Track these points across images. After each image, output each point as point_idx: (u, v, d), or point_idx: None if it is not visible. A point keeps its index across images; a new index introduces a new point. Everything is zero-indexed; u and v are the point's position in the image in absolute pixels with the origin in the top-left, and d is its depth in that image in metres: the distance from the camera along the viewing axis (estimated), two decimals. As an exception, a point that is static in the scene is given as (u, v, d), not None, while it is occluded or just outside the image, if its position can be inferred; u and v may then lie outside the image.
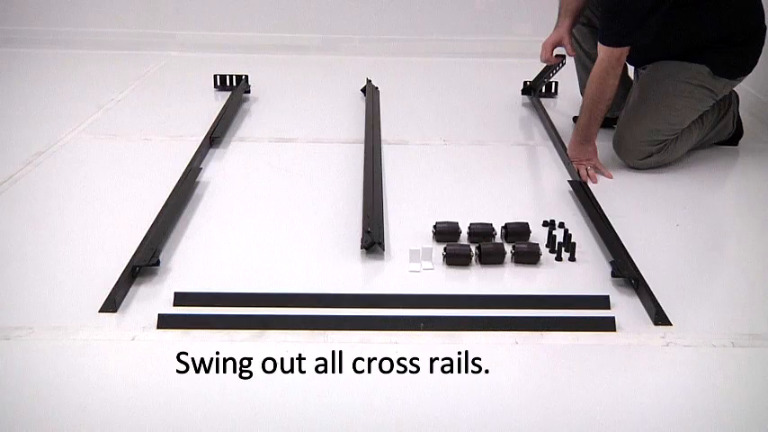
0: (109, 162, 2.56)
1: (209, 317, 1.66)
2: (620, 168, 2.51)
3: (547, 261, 1.93)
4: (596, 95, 2.37)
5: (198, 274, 1.85)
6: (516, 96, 3.27)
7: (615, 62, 2.32)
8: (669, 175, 2.48)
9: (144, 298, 1.74)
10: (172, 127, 2.87)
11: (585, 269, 1.91)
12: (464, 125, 2.96)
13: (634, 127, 2.47)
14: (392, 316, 1.67)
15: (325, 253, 1.95)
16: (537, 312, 1.70)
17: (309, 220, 2.14)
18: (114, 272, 1.80)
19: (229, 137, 2.79)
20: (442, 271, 1.88)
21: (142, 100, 3.25)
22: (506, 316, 1.69)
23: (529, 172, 2.61)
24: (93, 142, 2.72)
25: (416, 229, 2.06)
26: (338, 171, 2.49)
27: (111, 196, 2.28)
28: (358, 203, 2.20)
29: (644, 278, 1.81)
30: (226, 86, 3.33)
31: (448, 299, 1.74)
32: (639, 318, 1.70)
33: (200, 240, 2.02)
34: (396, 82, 3.50)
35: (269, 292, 1.75)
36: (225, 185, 2.38)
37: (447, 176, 2.47)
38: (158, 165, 2.52)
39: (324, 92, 3.39)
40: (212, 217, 2.16)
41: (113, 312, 1.68)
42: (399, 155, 2.63)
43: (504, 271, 1.89)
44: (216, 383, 1.48)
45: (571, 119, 2.93)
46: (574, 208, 2.24)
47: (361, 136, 2.75)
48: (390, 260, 1.92)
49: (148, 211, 2.11)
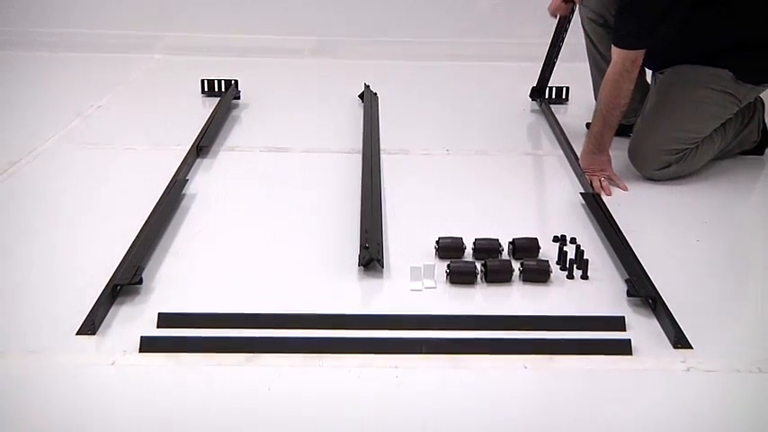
0: (88, 173, 2.56)
1: (195, 339, 1.65)
2: (636, 180, 2.51)
3: (557, 279, 1.93)
4: (610, 101, 2.38)
5: (184, 293, 1.84)
6: (524, 102, 3.27)
7: (630, 65, 2.32)
8: (689, 186, 2.48)
9: (125, 319, 1.74)
10: (156, 135, 2.87)
11: (599, 288, 1.90)
12: (468, 133, 2.96)
13: (651, 135, 2.47)
14: (392, 338, 1.67)
15: (321, 271, 1.95)
16: (547, 334, 1.70)
17: (303, 235, 2.14)
18: (93, 291, 1.79)
19: (218, 146, 2.79)
20: (446, 290, 1.88)
21: (124, 106, 3.26)
22: (514, 338, 1.68)
23: (538, 183, 2.60)
24: (71, 152, 2.72)
25: (418, 245, 2.06)
26: (334, 183, 2.49)
27: (91, 210, 2.28)
28: (355, 217, 2.20)
29: (662, 297, 1.80)
30: (214, 92, 3.33)
31: (451, 320, 1.74)
32: (657, 340, 1.70)
33: (186, 257, 2.01)
34: (396, 87, 3.51)
35: (260, 312, 1.75)
36: (213, 198, 2.37)
37: (450, 188, 2.47)
38: (141, 176, 2.51)
39: (319, 98, 3.40)
40: (199, 232, 2.15)
41: (92, 335, 1.67)
42: (399, 165, 2.63)
43: (512, 290, 1.89)
44: (202, 411, 1.47)
45: (583, 126, 2.93)
46: (586, 222, 2.24)
47: (359, 145, 2.76)
48: (390, 278, 1.92)
49: (131, 225, 2.10)
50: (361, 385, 1.55)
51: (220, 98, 3.22)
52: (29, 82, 3.58)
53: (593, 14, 2.79)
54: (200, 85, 3.36)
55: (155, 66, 3.90)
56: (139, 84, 3.61)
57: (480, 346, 1.65)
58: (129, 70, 3.76)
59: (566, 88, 3.30)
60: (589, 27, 2.84)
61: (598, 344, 1.66)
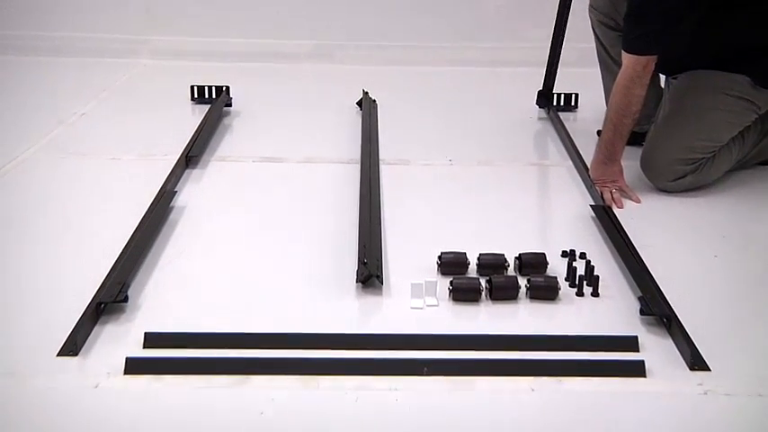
0: (70, 184, 2.56)
1: (184, 360, 1.65)
2: (650, 191, 2.51)
3: (566, 297, 1.93)
4: (621, 108, 2.38)
5: (172, 311, 1.84)
6: (530, 110, 3.28)
7: (641, 71, 2.33)
8: (705, 198, 2.49)
9: (110, 339, 1.73)
10: (143, 144, 2.87)
11: (610, 306, 1.90)
12: (472, 143, 2.97)
13: (665, 144, 2.47)
14: (392, 359, 1.66)
15: (316, 288, 1.95)
16: (555, 355, 1.69)
17: (298, 250, 2.14)
18: (76, 309, 1.79)
19: (208, 156, 2.79)
20: (448, 308, 1.88)
21: (109, 114, 3.26)
22: (521, 359, 1.68)
23: (546, 195, 2.61)
24: (53, 162, 2.73)
25: (419, 261, 2.06)
26: (331, 195, 2.49)
27: (73, 223, 2.28)
28: (353, 231, 2.19)
29: (677, 316, 1.80)
30: (204, 99, 3.34)
31: (455, 339, 1.73)
32: (673, 362, 1.69)
33: (174, 273, 2.01)
34: (396, 94, 3.51)
35: (252, 332, 1.74)
36: (203, 211, 2.37)
37: (453, 201, 2.47)
38: (127, 187, 2.51)
39: (315, 105, 3.40)
40: (188, 246, 2.15)
41: (74, 356, 1.67)
42: (399, 176, 2.64)
43: (518, 308, 1.89)
44: (191, 437, 1.47)
45: (594, 134, 2.93)
46: (597, 236, 2.24)
47: (357, 155, 2.76)
48: (389, 296, 1.92)
49: (116, 239, 2.10)
50: (358, 409, 1.54)
51: (211, 105, 3.23)
52: (7, 87, 3.58)
53: (603, 17, 2.80)
54: (189, 91, 3.36)
55: (141, 71, 3.90)
56: (125, 90, 3.61)
57: (485, 368, 1.65)
58: (114, 76, 3.76)
59: (575, 95, 3.30)
60: (599, 30, 2.84)
61: (609, 365, 1.66)
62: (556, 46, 3.14)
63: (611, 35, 2.79)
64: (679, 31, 2.31)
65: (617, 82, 2.39)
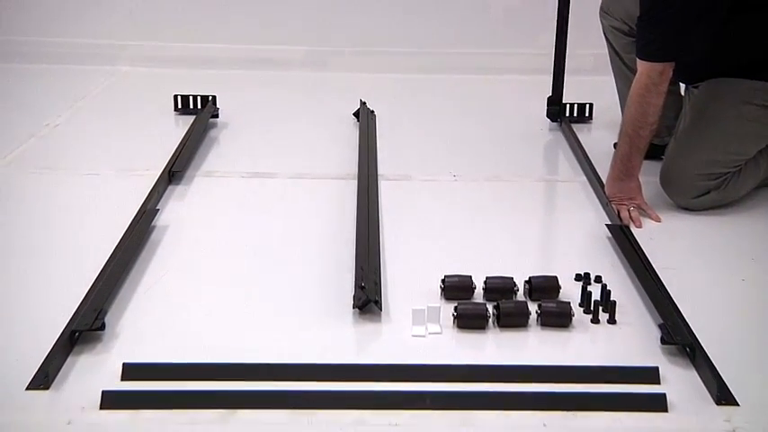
0: (43, 202, 2.56)
1: (165, 394, 1.64)
2: (670, 209, 2.51)
3: (580, 324, 1.93)
4: (637, 119, 2.39)
5: (152, 340, 1.83)
6: (540, 120, 3.29)
7: (658, 78, 2.33)
8: (731, 217, 2.49)
9: (84, 370, 1.73)
10: (122, 159, 2.88)
11: (628, 334, 1.90)
12: (478, 157, 2.97)
13: (686, 158, 2.48)
14: (392, 392, 1.66)
15: (310, 314, 1.95)
16: (569, 388, 1.69)
17: (290, 273, 2.14)
18: (47, 338, 1.78)
19: (193, 171, 2.79)
20: (453, 335, 1.87)
21: (85, 125, 3.27)
22: (531, 392, 1.67)
23: (557, 214, 2.61)
24: (24, 177, 2.73)
25: (420, 285, 2.06)
26: (325, 213, 2.49)
27: (46, 245, 2.28)
28: (350, 253, 2.19)
29: (702, 345, 1.80)
30: (189, 109, 3.35)
31: (459, 370, 1.73)
32: (697, 395, 1.69)
33: (155, 298, 2.01)
34: (396, 104, 3.53)
35: (240, 362, 1.74)
36: (187, 230, 2.38)
37: (458, 220, 2.47)
38: (105, 205, 2.52)
39: (308, 116, 3.41)
40: (171, 269, 2.15)
41: (45, 389, 1.66)
42: (400, 193, 2.64)
43: (528, 336, 1.88)
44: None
45: (610, 147, 2.93)
46: (613, 258, 2.24)
47: (354, 170, 2.76)
48: (389, 322, 1.91)
49: (92, 262, 2.10)
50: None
51: (196, 116, 3.23)
52: (-24, 98, 3.60)
53: (615, 22, 2.81)
54: (172, 101, 3.37)
55: (121, 79, 3.91)
56: (103, 99, 3.62)
57: (493, 401, 1.64)
58: (91, 84, 3.77)
59: (588, 105, 3.31)
60: (612, 36, 2.86)
61: (628, 399, 1.65)
62: (560, 51, 3.16)
63: (624, 41, 2.80)
64: (697, 35, 2.31)
65: (632, 91, 2.39)
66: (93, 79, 3.83)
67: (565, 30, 3.13)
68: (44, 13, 4.08)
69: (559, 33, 3.15)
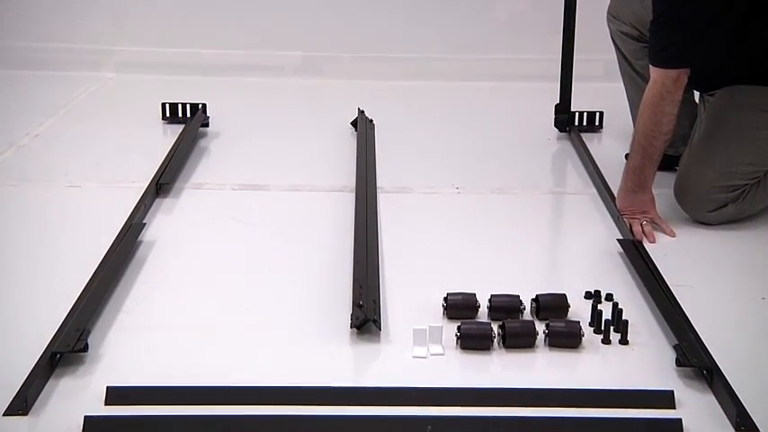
0: (23, 216, 2.56)
1: (152, 419, 1.64)
2: (686, 223, 2.52)
3: (591, 344, 1.92)
4: (650, 129, 2.39)
5: (138, 362, 1.83)
6: (548, 129, 3.29)
7: (672, 86, 2.34)
8: (749, 232, 2.49)
9: (66, 395, 1.72)
10: (107, 170, 2.88)
11: (641, 355, 1.89)
12: (482, 168, 2.98)
13: (702, 169, 2.48)
14: (391, 416, 1.66)
15: (305, 334, 1.94)
16: (579, 412, 1.68)
17: (284, 290, 2.14)
18: (27, 359, 1.77)
19: (182, 183, 2.79)
20: (456, 357, 1.87)
21: (68, 135, 3.27)
22: (539, 417, 1.67)
23: (566, 228, 2.61)
24: (2, 189, 2.73)
25: (422, 303, 2.06)
26: (321, 227, 2.49)
27: (26, 261, 2.27)
28: (347, 269, 2.19)
29: (720, 368, 1.79)
30: (177, 118, 3.35)
31: (463, 394, 1.73)
32: (715, 421, 1.68)
33: (141, 318, 2.01)
34: (395, 113, 3.53)
35: (231, 385, 1.73)
36: (175, 246, 2.37)
37: (461, 234, 2.47)
38: (88, 219, 2.52)
39: (303, 125, 3.41)
40: (158, 287, 2.15)
41: (24, 415, 1.65)
42: (400, 206, 2.64)
43: (536, 357, 1.88)
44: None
45: (621, 158, 2.94)
46: (625, 275, 2.24)
47: (352, 182, 2.77)
48: (389, 343, 1.91)
49: (74, 279, 2.10)
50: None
51: (185, 125, 3.24)
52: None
53: (624, 26, 2.82)
54: (160, 109, 3.38)
55: (105, 86, 3.92)
56: (87, 107, 3.63)
57: (498, 427, 1.64)
58: (74, 91, 3.78)
59: (599, 113, 3.32)
60: (621, 42, 2.86)
61: (641, 424, 1.65)
62: (567, 56, 3.16)
63: (634, 46, 2.81)
64: (713, 40, 2.32)
65: (644, 99, 2.40)
66: (77, 86, 3.84)
67: (572, 33, 3.13)
68: (23, 16, 4.09)
69: (566, 37, 3.15)
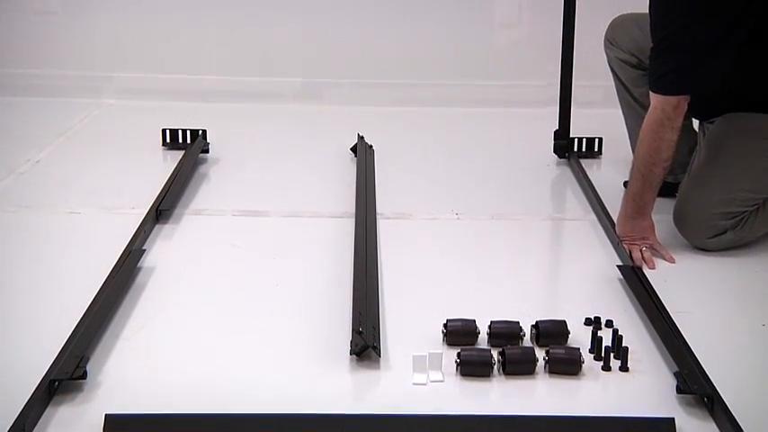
0: (23, 242, 2.56)
1: (150, 447, 1.64)
2: (685, 249, 2.52)
3: (591, 371, 1.92)
4: (650, 155, 2.40)
5: (137, 389, 1.83)
6: (547, 156, 3.30)
7: (672, 113, 2.34)
8: (749, 258, 2.49)
9: (64, 423, 1.71)
10: (107, 196, 2.88)
11: (642, 382, 1.89)
12: (482, 194, 2.98)
13: (701, 196, 2.48)
14: (391, 445, 1.65)
15: (304, 361, 1.94)
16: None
17: (283, 317, 2.13)
18: (25, 387, 1.76)
19: (181, 209, 2.80)
20: (456, 383, 1.87)
21: (68, 161, 3.28)
22: (540, 445, 1.66)
23: (566, 254, 2.61)
24: (3, 216, 2.73)
25: (422, 330, 2.05)
26: (321, 253, 2.49)
27: (25, 287, 2.27)
28: (346, 295, 2.19)
29: (720, 396, 1.78)
30: (178, 144, 3.36)
31: (463, 421, 1.72)
32: (715, 447, 1.68)
33: (140, 345, 2.00)
34: (395, 138, 3.54)
35: (230, 413, 1.73)
36: (174, 272, 2.37)
37: (460, 260, 2.47)
38: (88, 246, 2.52)
39: (303, 151, 3.42)
40: (158, 313, 2.14)
41: (23, 442, 1.65)
42: (399, 232, 2.64)
43: (536, 384, 1.88)
44: None
45: (621, 185, 2.94)
46: (625, 301, 2.23)
47: (352, 208, 2.77)
48: (388, 369, 1.91)
49: (73, 306, 2.09)
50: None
51: (185, 151, 3.24)
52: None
53: (623, 54, 2.83)
54: (160, 135, 3.38)
55: (105, 112, 3.93)
56: (87, 134, 3.63)
57: (498, 455, 1.64)
58: (74, 117, 3.79)
59: (598, 139, 3.32)
60: (619, 69, 2.87)
61: (642, 452, 1.65)
62: (566, 82, 3.17)
63: (632, 74, 2.82)
64: (714, 67, 2.33)
65: (644, 126, 2.40)
66: (77, 112, 3.84)
67: (571, 60, 3.15)
68: (24, 42, 4.10)
69: (565, 64, 3.16)
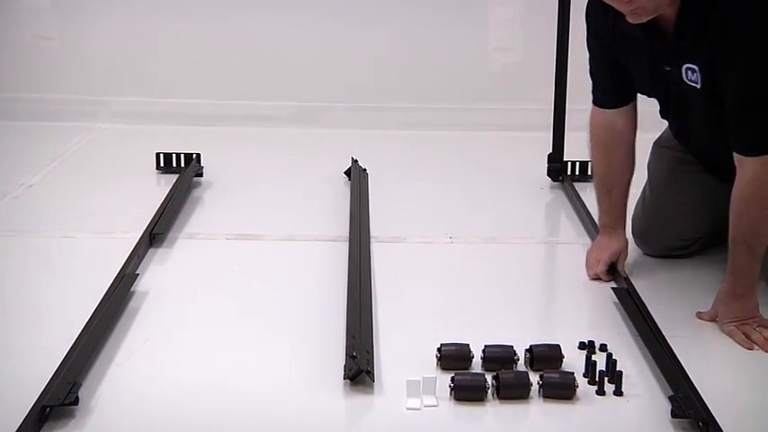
0: (16, 266, 2.56)
1: (142, 473, 1.63)
2: (679, 274, 2.51)
3: (585, 396, 1.91)
4: (759, 225, 2.16)
5: (130, 416, 1.82)
6: (541, 179, 3.31)
7: None
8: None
9: (57, 448, 1.71)
10: (100, 220, 2.88)
11: (636, 407, 1.88)
12: (475, 217, 2.98)
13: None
14: (384, 471, 1.65)
15: (298, 385, 1.93)
16: (575, 465, 1.68)
17: (277, 341, 2.13)
18: (15, 413, 1.75)
19: (175, 233, 2.80)
20: (449, 408, 1.86)
21: (62, 185, 3.28)
22: (535, 470, 1.66)
23: (560, 278, 2.61)
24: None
25: (415, 354, 2.05)
26: (315, 277, 2.49)
27: (17, 311, 2.27)
28: (340, 320, 2.19)
29: (716, 421, 1.78)
30: (171, 168, 3.36)
31: (458, 447, 1.72)
32: (710, 473, 1.68)
33: (133, 370, 2.00)
34: (389, 162, 3.54)
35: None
36: (168, 296, 2.37)
37: (454, 284, 2.47)
38: (81, 270, 2.51)
39: (297, 175, 3.42)
40: (151, 338, 2.14)
41: (13, 471, 1.64)
42: (393, 256, 2.64)
43: (530, 409, 1.87)
44: None
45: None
46: (620, 325, 2.23)
47: (346, 232, 2.77)
48: (382, 394, 1.90)
49: (65, 331, 2.08)
50: None
51: (179, 175, 3.25)
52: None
53: (670, 143, 2.63)
54: (154, 159, 3.38)
55: (100, 136, 3.93)
56: (81, 158, 3.63)
57: (493, 480, 1.63)
58: (68, 141, 3.79)
59: (590, 163, 3.32)
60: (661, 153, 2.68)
61: (637, 477, 1.64)
62: (560, 105, 3.17)
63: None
64: None
65: (741, 195, 2.17)
66: (71, 136, 3.85)
67: (564, 84, 3.16)
68: (18, 67, 4.11)
69: (558, 87, 3.18)
